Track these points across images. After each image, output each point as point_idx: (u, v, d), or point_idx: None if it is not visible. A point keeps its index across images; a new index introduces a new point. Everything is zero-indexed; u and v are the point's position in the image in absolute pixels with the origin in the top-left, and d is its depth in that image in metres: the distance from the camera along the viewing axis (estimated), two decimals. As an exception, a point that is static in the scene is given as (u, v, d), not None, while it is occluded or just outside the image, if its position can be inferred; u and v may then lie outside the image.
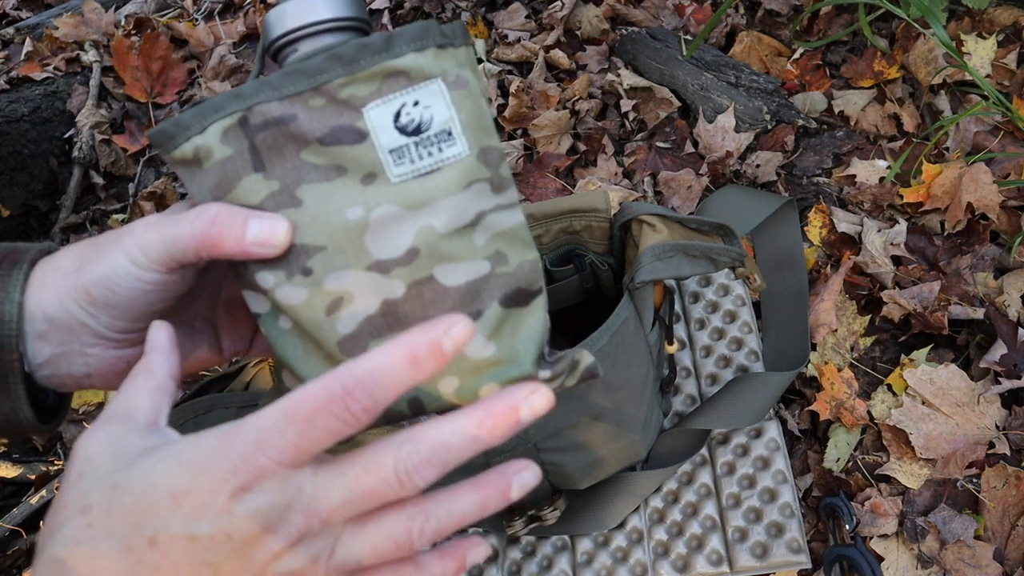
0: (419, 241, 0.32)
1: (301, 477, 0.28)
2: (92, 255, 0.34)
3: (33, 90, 1.33)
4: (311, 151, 0.32)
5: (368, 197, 0.32)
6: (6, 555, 0.91)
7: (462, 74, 0.33)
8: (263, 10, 1.46)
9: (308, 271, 0.32)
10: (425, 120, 0.32)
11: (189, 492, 0.27)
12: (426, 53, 0.32)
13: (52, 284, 0.34)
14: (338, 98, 0.31)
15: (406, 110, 0.31)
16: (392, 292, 0.32)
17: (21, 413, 0.35)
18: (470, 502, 0.31)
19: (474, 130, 0.33)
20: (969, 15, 1.06)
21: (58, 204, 1.29)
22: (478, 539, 0.33)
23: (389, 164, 0.32)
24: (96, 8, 1.50)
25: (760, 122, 1.04)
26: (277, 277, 0.33)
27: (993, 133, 0.97)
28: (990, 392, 0.77)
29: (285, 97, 0.31)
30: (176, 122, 0.32)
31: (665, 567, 0.73)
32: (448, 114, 0.32)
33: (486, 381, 0.34)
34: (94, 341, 0.35)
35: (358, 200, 0.32)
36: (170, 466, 0.28)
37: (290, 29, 0.34)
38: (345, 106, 0.31)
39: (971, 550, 0.70)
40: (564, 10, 1.25)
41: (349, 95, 0.31)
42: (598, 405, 0.66)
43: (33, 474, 0.97)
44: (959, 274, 0.87)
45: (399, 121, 0.32)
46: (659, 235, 0.63)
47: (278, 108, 0.31)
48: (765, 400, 0.77)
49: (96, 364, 0.36)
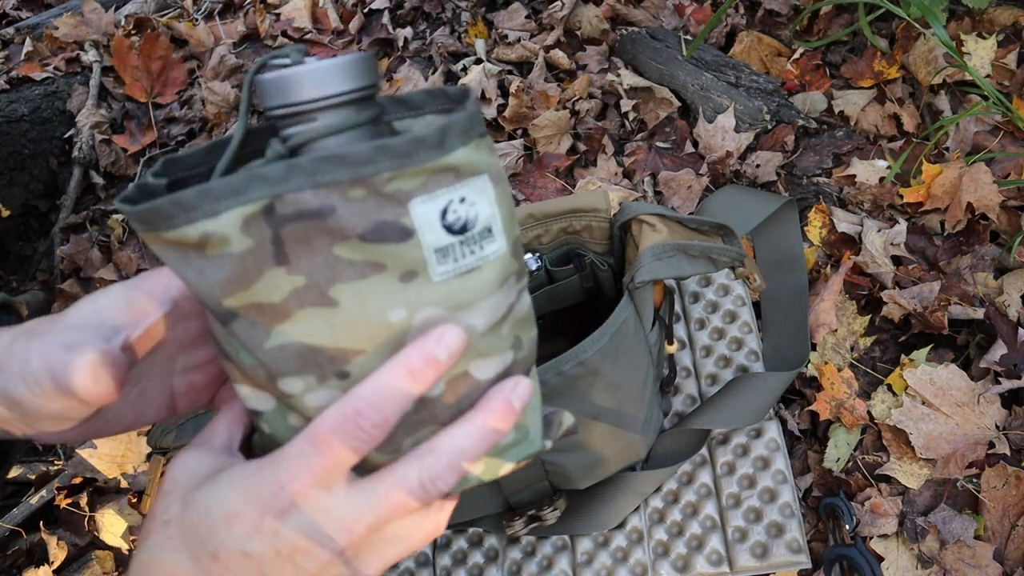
0: None
1: (334, 496, 0.31)
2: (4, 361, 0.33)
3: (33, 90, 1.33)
4: (347, 246, 0.29)
5: (410, 297, 0.30)
6: (6, 555, 0.91)
7: (498, 165, 0.32)
8: (263, 10, 1.46)
9: (344, 375, 0.30)
10: (471, 218, 0.30)
11: (239, 514, 0.30)
12: (471, 146, 0.30)
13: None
14: (383, 192, 0.28)
15: (453, 207, 0.30)
16: (432, 391, 0.32)
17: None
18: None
19: (509, 224, 0.32)
20: (969, 15, 1.06)
21: (58, 204, 1.29)
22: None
23: (433, 263, 0.30)
24: (96, 8, 1.50)
25: (760, 122, 1.04)
26: (308, 383, 0.31)
27: (993, 133, 0.97)
28: (990, 392, 0.77)
29: (321, 186, 0.28)
30: (176, 202, 0.27)
31: (665, 567, 0.73)
32: (491, 212, 0.31)
33: (507, 461, 0.35)
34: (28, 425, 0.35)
35: (400, 301, 0.30)
36: (223, 491, 0.31)
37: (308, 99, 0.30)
38: (389, 200, 0.29)
39: (971, 550, 0.70)
40: (564, 10, 1.25)
41: (395, 189, 0.28)
42: (598, 405, 0.66)
43: (33, 474, 0.97)
44: (959, 274, 0.87)
45: (446, 219, 0.30)
46: (659, 235, 0.63)
47: (313, 198, 0.28)
48: (765, 400, 0.77)
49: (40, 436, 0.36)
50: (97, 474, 0.93)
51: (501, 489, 0.73)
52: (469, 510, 0.77)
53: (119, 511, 0.91)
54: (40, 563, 0.89)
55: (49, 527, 0.92)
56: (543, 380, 0.63)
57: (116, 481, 0.94)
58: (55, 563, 0.89)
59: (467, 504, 0.76)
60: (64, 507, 0.93)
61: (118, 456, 0.94)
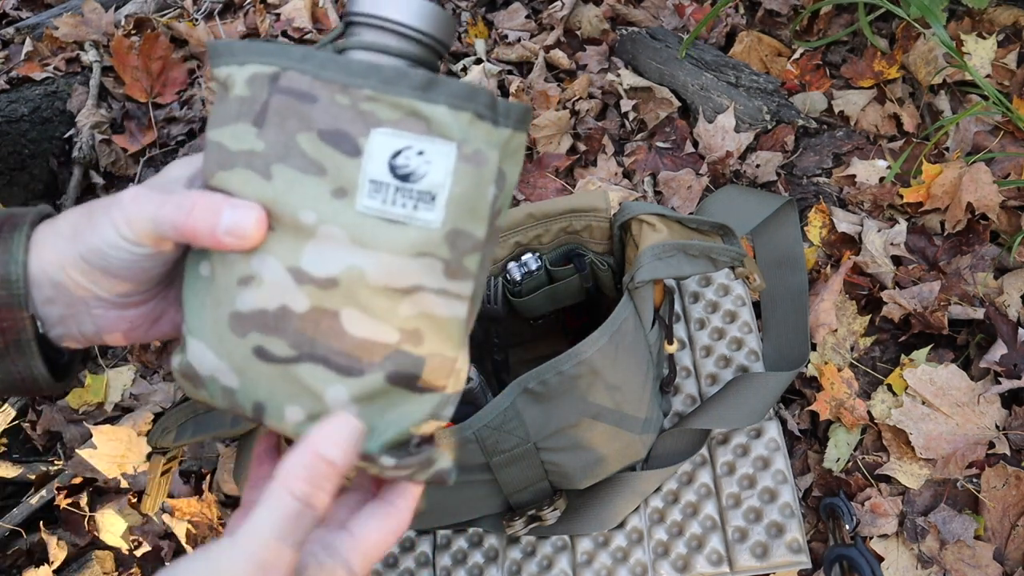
0: (343, 276, 0.31)
1: None
2: (85, 224, 0.34)
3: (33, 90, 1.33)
4: (307, 138, 0.31)
5: (327, 209, 0.31)
6: (6, 555, 0.91)
7: (485, 154, 0.31)
8: (263, 10, 1.46)
9: None
10: (418, 172, 0.31)
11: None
12: (460, 114, 0.31)
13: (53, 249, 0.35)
14: (359, 107, 0.31)
15: (407, 153, 0.31)
16: (295, 303, 0.32)
17: (36, 371, 0.36)
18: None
19: (460, 209, 0.31)
20: (969, 15, 1.06)
21: (58, 204, 1.29)
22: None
23: (363, 191, 0.31)
24: (96, 8, 1.50)
25: (760, 122, 1.04)
26: None
27: (993, 133, 0.97)
28: (990, 392, 0.77)
29: (319, 79, 0.31)
30: (228, 46, 0.33)
31: (665, 567, 0.73)
32: (442, 180, 0.31)
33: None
34: (98, 303, 0.36)
35: (318, 207, 0.31)
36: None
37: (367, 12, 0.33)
38: (360, 117, 0.31)
39: (971, 550, 0.70)
40: (564, 10, 1.25)
41: (369, 110, 0.31)
42: (598, 405, 0.66)
43: (33, 474, 0.97)
44: (959, 274, 0.87)
45: (395, 159, 0.31)
46: (659, 235, 0.63)
47: (307, 84, 0.31)
48: (765, 400, 0.77)
49: (103, 324, 0.37)
50: (97, 474, 0.93)
51: (501, 489, 0.73)
52: (469, 510, 0.77)
53: (119, 511, 0.91)
54: (40, 563, 0.89)
55: (49, 527, 0.92)
56: (543, 380, 0.63)
57: (116, 481, 0.94)
58: (55, 563, 0.89)
59: (467, 504, 0.76)
60: (64, 507, 0.93)
61: (118, 456, 0.94)
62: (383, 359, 0.32)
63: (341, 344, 0.32)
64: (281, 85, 0.31)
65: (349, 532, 0.33)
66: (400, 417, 0.33)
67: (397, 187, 0.31)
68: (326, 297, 0.31)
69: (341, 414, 0.32)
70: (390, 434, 0.33)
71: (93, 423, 0.96)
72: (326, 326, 0.32)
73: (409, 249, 0.31)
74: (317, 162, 0.31)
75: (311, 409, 0.33)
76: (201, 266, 0.34)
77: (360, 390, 0.32)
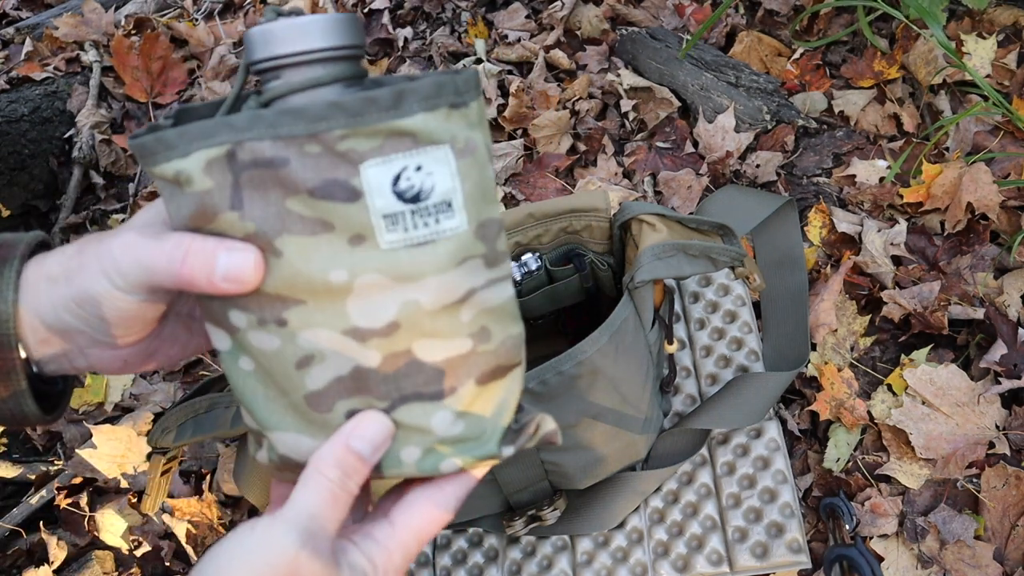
0: (402, 316, 0.30)
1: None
2: (76, 267, 0.33)
3: (33, 90, 1.33)
4: (298, 200, 0.29)
5: (355, 261, 0.30)
6: (6, 555, 0.91)
7: (472, 138, 0.30)
8: (263, 11, 1.46)
9: (283, 322, 0.31)
10: (426, 188, 0.29)
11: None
12: (437, 113, 0.29)
13: (45, 293, 0.34)
14: (336, 149, 0.29)
15: (407, 174, 0.29)
16: (367, 360, 0.31)
17: (26, 408, 0.36)
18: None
19: (476, 202, 0.31)
20: (969, 15, 1.06)
21: (58, 204, 1.29)
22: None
23: (381, 229, 0.29)
24: (96, 8, 1.50)
25: (760, 122, 1.04)
26: (249, 320, 0.31)
27: (993, 133, 0.97)
28: (990, 392, 0.77)
29: (279, 138, 0.29)
30: (159, 139, 0.29)
31: (665, 567, 0.73)
32: (451, 184, 0.30)
33: (449, 457, 0.33)
34: (92, 344, 0.35)
35: (344, 263, 0.30)
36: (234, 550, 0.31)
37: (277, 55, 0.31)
38: (342, 159, 0.29)
39: (971, 550, 0.70)
40: (564, 10, 1.25)
41: (348, 148, 0.29)
42: (598, 405, 0.66)
43: (33, 474, 0.97)
44: (959, 274, 0.86)
45: (398, 185, 0.29)
46: (659, 234, 0.63)
47: (271, 149, 0.29)
48: (765, 400, 0.77)
49: (98, 362, 0.37)
50: (97, 474, 0.93)
51: (501, 489, 0.73)
52: (469, 510, 0.77)
53: (119, 511, 0.91)
54: (40, 563, 0.89)
55: (49, 527, 0.92)
56: (543, 380, 0.63)
57: (116, 481, 0.94)
58: (55, 563, 0.89)
59: (467, 504, 0.76)
60: (64, 507, 0.93)
61: (118, 456, 0.94)
62: (467, 368, 0.32)
63: (425, 375, 0.32)
64: (242, 160, 0.29)
65: (390, 521, 0.34)
66: (500, 409, 0.34)
67: (412, 211, 0.30)
68: (393, 341, 0.31)
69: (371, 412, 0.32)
70: (500, 426, 0.34)
71: (93, 423, 0.96)
72: (404, 366, 0.32)
73: (450, 262, 0.31)
74: (320, 220, 0.30)
75: (425, 444, 0.33)
76: (240, 362, 0.33)
77: (460, 405, 0.33)
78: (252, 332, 0.32)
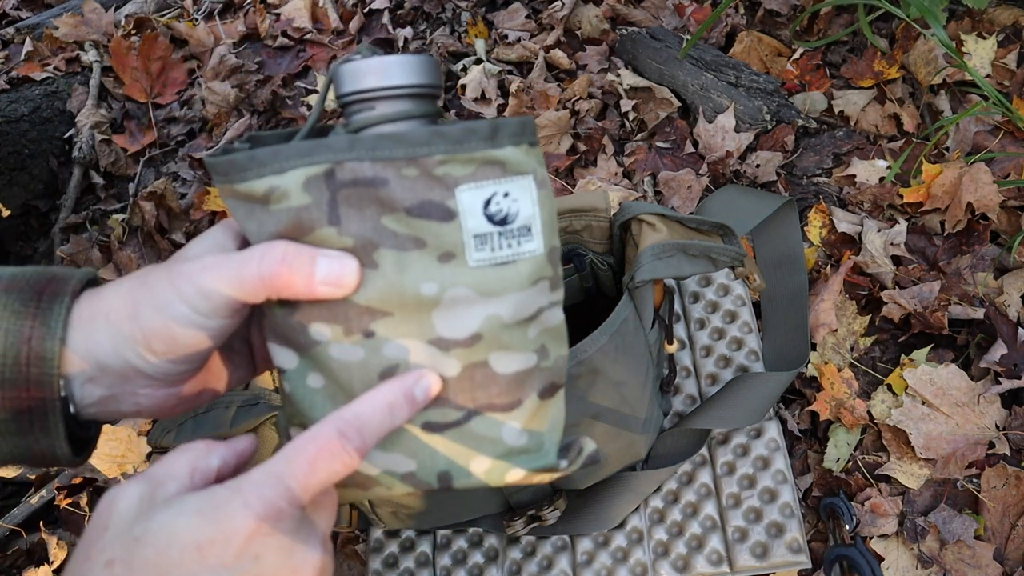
0: (484, 327, 0.33)
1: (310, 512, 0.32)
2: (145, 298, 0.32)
3: (33, 90, 1.33)
4: (394, 218, 0.32)
5: (444, 276, 0.32)
6: (6, 555, 0.91)
7: (544, 173, 0.34)
8: (263, 10, 1.46)
9: (370, 333, 0.33)
10: (512, 213, 0.33)
11: (214, 542, 0.28)
12: (520, 148, 0.33)
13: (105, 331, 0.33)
14: (433, 173, 0.32)
15: (496, 199, 0.32)
16: (446, 370, 0.33)
17: (58, 449, 0.34)
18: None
19: (549, 229, 0.34)
20: (969, 15, 1.06)
21: (58, 204, 1.29)
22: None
23: (471, 248, 0.32)
24: (96, 8, 1.50)
25: (760, 122, 1.04)
26: (335, 332, 0.33)
27: (993, 133, 0.97)
28: (990, 392, 0.77)
29: (378, 160, 0.31)
30: (251, 157, 0.31)
31: (665, 567, 0.73)
32: (532, 211, 0.33)
33: (514, 467, 0.36)
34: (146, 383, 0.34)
35: (435, 277, 0.32)
36: (190, 519, 0.29)
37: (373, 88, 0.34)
38: (438, 183, 0.32)
39: (971, 550, 0.70)
40: (564, 10, 1.25)
41: (444, 173, 0.32)
42: (598, 405, 0.66)
43: (33, 474, 0.97)
44: (959, 274, 0.87)
45: (488, 209, 0.32)
46: (659, 234, 0.63)
47: (370, 169, 0.31)
48: (765, 400, 0.77)
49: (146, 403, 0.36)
50: (97, 474, 0.93)
51: (501, 489, 0.73)
52: (469, 510, 0.77)
53: (119, 511, 0.91)
54: (40, 563, 0.89)
55: (49, 527, 0.92)
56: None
57: (116, 481, 0.94)
58: (55, 563, 0.89)
59: (467, 504, 0.76)
60: (64, 507, 0.93)
61: (118, 456, 0.94)
62: (532, 382, 0.35)
63: (498, 387, 0.34)
64: (341, 179, 0.31)
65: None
66: (555, 423, 0.37)
67: (499, 232, 0.33)
68: (473, 352, 0.33)
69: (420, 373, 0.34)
70: (556, 440, 0.37)
71: (93, 423, 0.96)
72: (480, 377, 0.34)
73: (528, 281, 0.33)
74: (413, 237, 0.32)
75: (495, 453, 0.35)
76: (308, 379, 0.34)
77: (525, 418, 0.35)
78: (336, 345, 0.33)
